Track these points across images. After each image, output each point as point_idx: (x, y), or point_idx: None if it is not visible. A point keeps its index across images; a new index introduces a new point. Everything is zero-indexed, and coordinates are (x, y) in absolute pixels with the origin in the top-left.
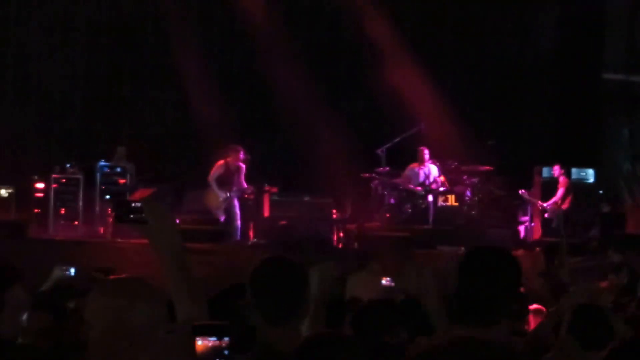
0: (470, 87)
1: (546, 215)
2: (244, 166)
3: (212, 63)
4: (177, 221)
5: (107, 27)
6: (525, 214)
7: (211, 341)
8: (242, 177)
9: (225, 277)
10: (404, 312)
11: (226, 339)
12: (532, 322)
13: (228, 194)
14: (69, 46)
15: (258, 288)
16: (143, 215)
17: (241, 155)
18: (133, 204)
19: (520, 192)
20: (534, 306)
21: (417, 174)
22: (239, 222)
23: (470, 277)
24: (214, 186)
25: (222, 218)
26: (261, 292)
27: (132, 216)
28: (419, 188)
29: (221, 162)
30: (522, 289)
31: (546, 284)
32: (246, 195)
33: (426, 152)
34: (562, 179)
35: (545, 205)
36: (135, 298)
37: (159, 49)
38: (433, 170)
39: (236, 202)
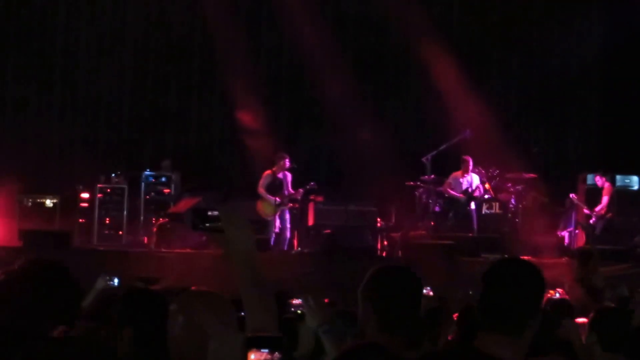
0: (515, 95)
1: (591, 221)
2: (290, 174)
3: (258, 72)
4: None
5: (154, 39)
6: (569, 221)
7: (264, 354)
8: (290, 184)
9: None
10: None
11: (277, 353)
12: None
13: (279, 201)
14: (117, 58)
15: (378, 295)
16: (220, 224)
17: (287, 164)
18: (210, 213)
19: (570, 195)
20: (580, 320)
21: (460, 183)
22: (288, 232)
23: (492, 287)
24: (265, 195)
25: (277, 225)
26: (381, 299)
27: (208, 225)
28: (461, 195)
29: (268, 171)
30: (566, 297)
31: (582, 290)
32: (294, 204)
33: (470, 161)
34: (606, 186)
35: (590, 212)
36: (214, 312)
37: (205, 59)
38: (475, 179)
39: (287, 210)
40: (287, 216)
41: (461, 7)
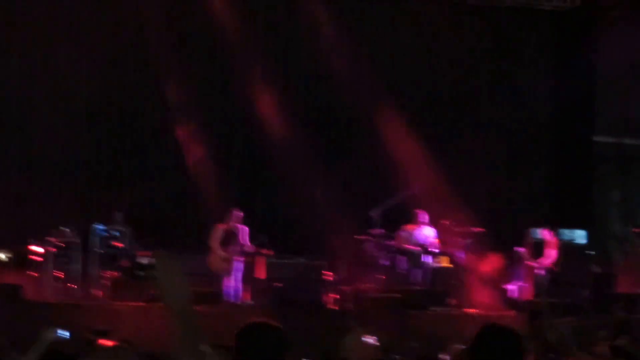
0: (464, 150)
1: (540, 274)
2: (245, 227)
3: (209, 129)
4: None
5: (107, 96)
6: (517, 275)
7: None
8: (244, 238)
9: (222, 340)
10: None
11: None
12: None
13: (231, 255)
14: (70, 111)
15: (241, 350)
16: (154, 271)
17: (239, 217)
18: (142, 261)
19: (518, 249)
20: None
21: (413, 235)
22: (240, 284)
23: (480, 357)
24: (217, 248)
25: (228, 280)
26: (244, 355)
27: (144, 273)
28: (417, 247)
29: (221, 225)
30: None
31: (534, 345)
32: (246, 257)
33: (422, 214)
34: (553, 240)
35: (537, 265)
36: None
37: (158, 114)
38: (429, 232)
39: (238, 264)
40: (240, 270)
41: (410, 68)
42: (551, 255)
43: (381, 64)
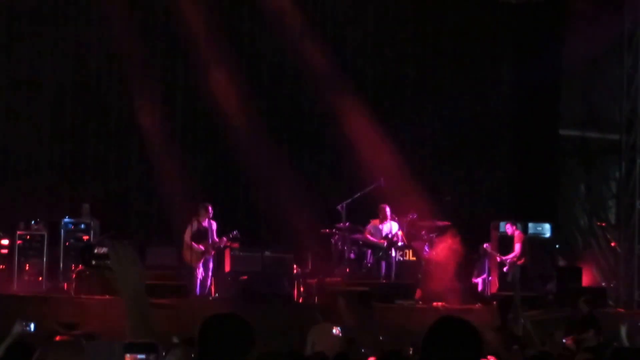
0: (428, 144)
1: (505, 269)
2: (214, 223)
3: (173, 123)
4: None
5: (72, 85)
6: (482, 268)
7: (139, 358)
8: (214, 233)
9: (188, 332)
10: None
11: (153, 355)
12: None
13: (204, 249)
14: (34, 103)
15: (205, 343)
16: (108, 261)
17: (210, 212)
18: (97, 250)
19: (484, 245)
20: (490, 358)
21: (380, 230)
22: (209, 278)
23: (433, 349)
24: (190, 243)
25: (201, 273)
26: (207, 347)
27: (96, 261)
28: (383, 241)
29: (194, 220)
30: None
31: (499, 337)
32: (217, 251)
33: (387, 209)
34: (517, 234)
35: (503, 259)
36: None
37: (124, 108)
38: (394, 226)
39: (210, 258)
40: (211, 264)
41: (374, 58)
42: (516, 249)
43: (345, 54)
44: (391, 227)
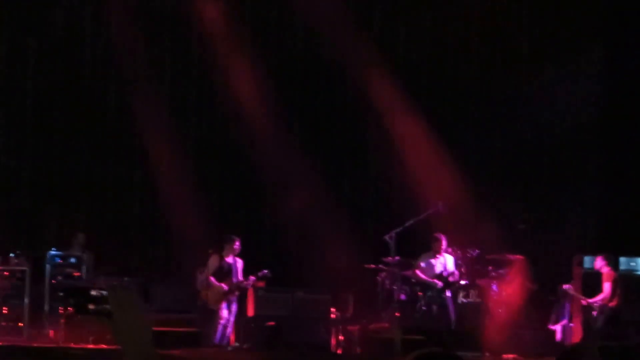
0: (496, 162)
1: (593, 313)
2: (241, 260)
3: (187, 135)
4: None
5: (61, 96)
6: (562, 313)
7: None
8: (240, 271)
9: None
10: None
11: None
12: None
13: (227, 289)
14: (16, 117)
15: None
16: (107, 305)
17: (237, 247)
18: (94, 292)
19: (563, 287)
20: None
21: (433, 265)
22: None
23: None
24: (212, 282)
25: (224, 317)
26: None
27: (92, 307)
28: (437, 281)
29: (216, 255)
30: None
31: None
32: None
33: (443, 239)
34: (606, 271)
35: (591, 301)
36: None
37: (124, 121)
38: (450, 261)
39: (235, 300)
40: (235, 307)
41: (434, 63)
42: (606, 289)
43: (398, 49)
44: (446, 261)
